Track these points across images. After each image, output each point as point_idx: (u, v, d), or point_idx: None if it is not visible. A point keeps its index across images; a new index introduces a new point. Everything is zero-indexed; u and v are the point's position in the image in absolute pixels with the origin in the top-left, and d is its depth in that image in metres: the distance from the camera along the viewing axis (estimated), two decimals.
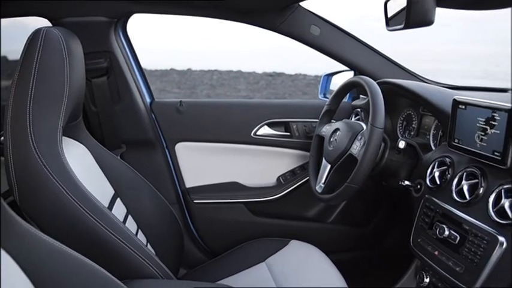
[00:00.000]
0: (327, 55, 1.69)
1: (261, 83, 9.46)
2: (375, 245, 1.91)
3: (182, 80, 9.97)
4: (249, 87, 9.09)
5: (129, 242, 1.07)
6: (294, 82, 9.37)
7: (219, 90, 8.91)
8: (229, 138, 1.76)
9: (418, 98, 1.38)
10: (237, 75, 10.27)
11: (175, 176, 1.78)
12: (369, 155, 1.22)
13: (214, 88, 9.13)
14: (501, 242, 0.99)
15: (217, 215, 1.78)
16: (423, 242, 1.21)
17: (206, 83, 9.63)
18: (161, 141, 1.74)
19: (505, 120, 0.99)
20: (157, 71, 10.46)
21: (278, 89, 8.94)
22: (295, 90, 8.71)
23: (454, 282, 1.09)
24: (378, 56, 1.71)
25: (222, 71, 10.49)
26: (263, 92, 8.77)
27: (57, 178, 0.99)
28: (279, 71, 10.24)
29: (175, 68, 10.63)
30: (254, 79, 9.80)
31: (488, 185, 1.07)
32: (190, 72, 10.59)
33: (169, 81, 9.77)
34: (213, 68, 10.61)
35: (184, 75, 10.34)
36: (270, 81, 9.56)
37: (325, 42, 1.65)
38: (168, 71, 10.54)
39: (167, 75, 10.26)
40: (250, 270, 1.45)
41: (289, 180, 1.80)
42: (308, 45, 1.66)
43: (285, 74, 10.06)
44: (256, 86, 9.23)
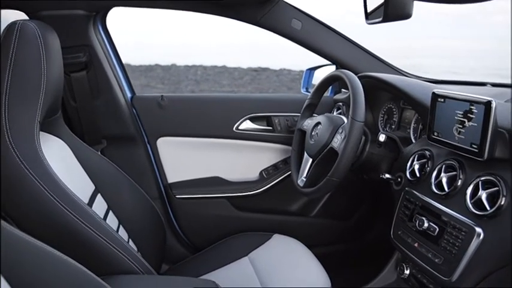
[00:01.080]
0: (309, 49, 1.69)
1: (245, 78, 9.45)
2: (358, 238, 1.92)
3: (166, 75, 9.92)
4: (233, 83, 9.07)
5: (109, 238, 1.06)
6: (278, 77, 9.38)
7: (203, 86, 8.87)
8: (211, 133, 1.75)
9: (398, 92, 1.39)
10: (221, 70, 10.25)
11: (157, 171, 1.76)
12: (349, 148, 1.23)
13: (199, 83, 9.09)
14: (478, 233, 1.00)
15: (199, 210, 1.78)
16: (403, 234, 1.22)
17: (191, 79, 9.58)
18: (142, 136, 1.72)
19: (481, 113, 1.00)
20: (141, 66, 10.40)
21: (263, 84, 8.94)
22: (280, 85, 8.72)
23: (433, 274, 1.10)
24: (359, 50, 1.72)
25: (206, 66, 10.47)
26: (248, 87, 8.76)
27: (34, 174, 0.97)
28: (264, 66, 10.25)
29: (160, 64, 10.58)
30: (239, 74, 9.79)
31: (466, 177, 1.08)
32: (175, 68, 10.54)
33: (154, 76, 9.70)
34: (197, 64, 10.58)
35: (169, 71, 10.28)
36: (254, 77, 9.55)
37: (306, 36, 1.65)
38: (153, 67, 10.48)
39: (151, 71, 10.20)
40: (233, 264, 1.45)
41: (271, 175, 1.80)
42: (290, 39, 1.66)
43: (270, 69, 10.07)
44: (241, 81, 9.22)
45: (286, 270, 1.40)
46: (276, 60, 10.10)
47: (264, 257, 1.46)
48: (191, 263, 1.59)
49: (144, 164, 1.74)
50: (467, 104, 1.04)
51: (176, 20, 13.16)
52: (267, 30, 1.65)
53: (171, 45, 12.78)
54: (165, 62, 10.69)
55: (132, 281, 1.02)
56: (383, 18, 1.13)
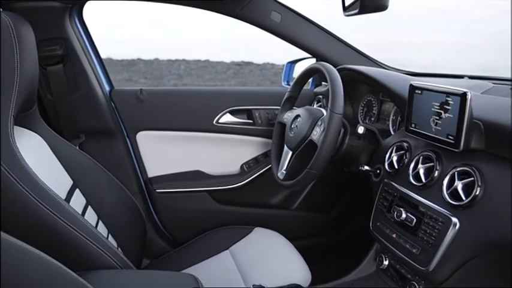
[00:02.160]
0: (289, 42, 1.69)
1: (229, 72, 9.41)
2: (338, 230, 1.94)
3: (149, 70, 9.82)
4: (216, 77, 9.03)
5: (87, 233, 1.04)
6: (262, 71, 9.37)
7: (186, 80, 8.81)
8: (191, 127, 1.74)
9: (377, 84, 1.40)
10: (204, 64, 10.18)
11: (137, 166, 1.75)
12: (328, 140, 1.23)
13: (182, 78, 9.03)
14: (454, 223, 1.01)
15: (180, 204, 1.77)
16: (382, 225, 1.23)
17: (173, 73, 9.50)
18: (122, 130, 1.70)
19: (457, 104, 1.01)
20: (123, 60, 10.27)
21: (246, 78, 8.92)
22: (263, 79, 8.71)
23: (410, 264, 1.11)
24: (339, 43, 1.72)
25: (189, 60, 10.38)
26: (231, 81, 8.73)
27: (8, 169, 0.95)
28: (248, 60, 10.21)
29: (142, 58, 10.46)
30: (222, 68, 9.74)
31: (442, 168, 1.09)
32: (158, 62, 10.44)
33: (136, 71, 9.60)
34: (180, 58, 10.49)
35: (151, 65, 10.18)
36: (238, 71, 9.52)
37: (286, 29, 1.65)
38: (135, 61, 10.36)
39: (134, 65, 10.08)
40: (214, 258, 1.45)
41: (252, 168, 1.80)
42: (269, 32, 1.66)
43: (254, 64, 10.04)
44: (224, 75, 9.18)
45: (267, 263, 1.40)
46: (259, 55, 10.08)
47: (245, 250, 1.47)
48: (172, 257, 1.58)
49: (124, 158, 1.72)
50: (444, 96, 1.05)
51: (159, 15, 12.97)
52: (246, 23, 1.64)
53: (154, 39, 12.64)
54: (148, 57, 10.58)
55: (109, 275, 1.01)
56: (359, 10, 1.13)
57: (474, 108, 1.01)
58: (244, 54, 10.45)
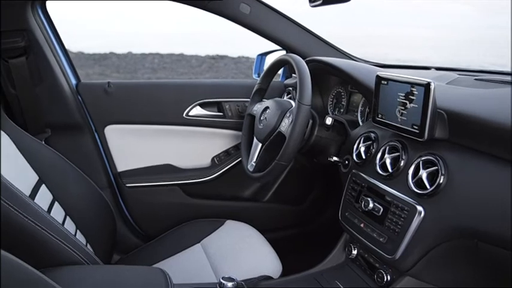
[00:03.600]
0: (258, 34, 1.69)
1: (203, 66, 9.33)
2: (310, 221, 1.95)
3: (122, 63, 9.66)
4: (191, 71, 8.95)
5: (51, 230, 1.02)
6: (236, 65, 9.32)
7: (160, 74, 8.70)
8: (160, 120, 1.72)
9: (345, 75, 1.41)
10: (179, 58, 10.07)
11: (106, 160, 1.72)
12: (296, 132, 1.23)
13: (156, 72, 8.91)
14: (419, 211, 1.03)
15: (151, 198, 1.75)
16: (350, 215, 1.24)
17: (147, 67, 9.37)
18: (89, 124, 1.67)
19: (422, 95, 1.02)
20: (95, 54, 10.07)
21: (221, 72, 8.86)
22: (238, 73, 8.67)
23: (378, 253, 1.13)
24: (308, 34, 1.73)
25: (163, 54, 10.25)
26: (206, 74, 8.67)
27: None
28: (222, 54, 10.15)
29: (115, 52, 10.28)
30: (196, 62, 9.65)
31: (408, 157, 1.11)
32: (131, 56, 10.28)
33: (109, 65, 9.43)
34: (154, 52, 10.35)
35: (124, 59, 10.02)
36: (212, 64, 9.45)
37: (255, 20, 1.64)
38: (107, 55, 10.17)
39: (106, 59, 9.90)
40: (186, 251, 1.45)
41: (223, 161, 1.79)
42: (239, 24, 1.65)
43: (228, 57, 9.98)
44: (199, 69, 9.10)
45: (238, 255, 1.40)
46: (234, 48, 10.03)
47: (217, 243, 1.46)
48: (143, 252, 1.57)
49: (92, 152, 1.69)
50: (409, 86, 1.06)
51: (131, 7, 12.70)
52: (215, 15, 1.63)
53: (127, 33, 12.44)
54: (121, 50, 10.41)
55: (73, 271, 0.99)
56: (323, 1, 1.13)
57: (438, 99, 1.03)
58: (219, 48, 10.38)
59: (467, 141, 0.99)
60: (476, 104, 1.03)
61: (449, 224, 0.98)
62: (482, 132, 0.95)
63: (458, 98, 1.10)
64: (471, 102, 1.05)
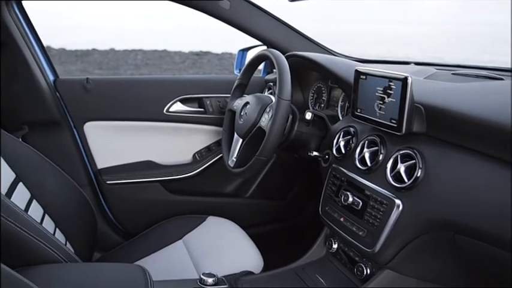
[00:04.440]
0: (239, 29, 1.68)
1: (187, 62, 9.28)
2: (292, 217, 1.95)
3: (105, 60, 9.55)
4: (174, 67, 8.89)
5: (28, 228, 1.00)
6: (220, 61, 9.29)
7: (143, 70, 8.63)
8: (140, 116, 1.71)
9: (324, 70, 1.41)
10: (162, 54, 10.01)
11: (86, 157, 1.70)
12: (276, 127, 1.23)
13: (139, 68, 8.84)
14: (398, 205, 1.04)
15: (132, 195, 1.74)
16: (330, 209, 1.25)
17: (130, 63, 9.29)
18: (68, 121, 1.65)
19: (399, 89, 1.03)
20: (77, 51, 9.95)
21: (205, 68, 8.83)
22: (222, 69, 8.65)
23: (357, 246, 1.13)
24: (289, 29, 1.73)
25: (146, 50, 10.18)
26: (189, 71, 8.62)
27: None
28: (206, 50, 10.11)
29: (97, 48, 10.16)
30: (180, 58, 9.60)
31: (386, 151, 1.12)
32: (113, 52, 10.17)
33: (91, 61, 9.31)
34: (137, 48, 10.26)
35: (107, 56, 9.91)
36: (196, 60, 9.41)
37: (235, 16, 1.64)
38: (90, 51, 10.05)
39: (88, 56, 9.78)
40: (167, 248, 1.44)
41: (205, 157, 1.79)
42: (219, 19, 1.64)
43: (212, 53, 9.94)
44: (182, 65, 9.05)
45: (220, 251, 1.40)
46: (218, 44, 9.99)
47: (198, 239, 1.46)
48: (124, 249, 1.56)
49: (71, 149, 1.67)
50: (387, 81, 1.07)
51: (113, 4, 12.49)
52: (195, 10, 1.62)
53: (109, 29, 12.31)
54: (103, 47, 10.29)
55: (50, 270, 0.98)
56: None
57: (416, 93, 1.03)
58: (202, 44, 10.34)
59: (444, 134, 1.01)
60: (453, 98, 1.04)
61: (427, 216, 0.99)
62: (459, 125, 0.96)
63: (435, 92, 1.11)
64: (448, 96, 1.06)
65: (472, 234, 0.91)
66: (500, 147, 0.87)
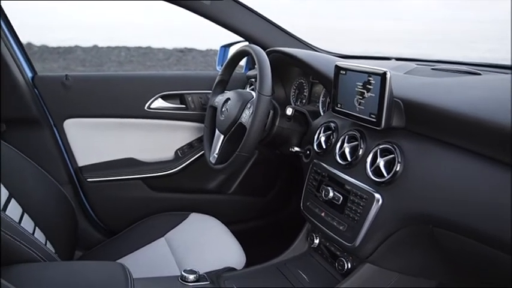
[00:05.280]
0: (220, 25, 1.67)
1: (171, 59, 9.21)
2: (275, 212, 1.96)
3: (88, 57, 9.43)
4: (158, 64, 8.82)
5: (5, 227, 0.99)
6: (205, 58, 9.24)
7: (127, 67, 8.55)
8: (121, 113, 1.69)
9: (305, 66, 1.41)
10: (146, 51, 9.92)
11: (66, 155, 1.68)
12: (256, 122, 1.23)
13: (122, 65, 8.75)
14: (377, 199, 1.04)
15: (113, 192, 1.72)
16: (311, 205, 1.25)
17: (114, 60, 9.19)
18: (47, 118, 1.63)
19: (378, 84, 1.03)
20: (60, 48, 9.81)
21: (189, 65, 8.77)
22: (207, 66, 8.60)
23: (338, 241, 1.14)
24: (271, 25, 1.72)
25: (130, 47, 10.08)
26: (173, 68, 8.56)
27: None
28: (190, 46, 10.05)
29: (80, 45, 10.04)
30: (164, 55, 9.52)
31: (366, 146, 1.12)
32: (97, 49, 10.06)
33: (73, 58, 9.19)
34: (121, 45, 10.16)
35: (90, 52, 9.79)
36: (180, 57, 9.34)
37: (216, 11, 1.63)
38: (72, 48, 9.92)
39: (71, 53, 9.65)
40: (150, 246, 1.44)
41: (187, 153, 1.78)
42: (200, 15, 1.63)
43: (196, 50, 9.88)
44: (167, 62, 8.98)
45: (202, 248, 1.40)
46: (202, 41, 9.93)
47: (181, 236, 1.46)
48: (106, 247, 1.55)
49: (51, 147, 1.64)
50: (366, 76, 1.07)
51: None
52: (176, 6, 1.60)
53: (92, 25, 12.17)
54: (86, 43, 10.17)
55: (28, 269, 0.96)
56: None
57: (395, 88, 1.04)
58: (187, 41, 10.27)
59: (423, 129, 1.01)
60: (431, 93, 1.05)
61: (406, 210, 1.00)
62: (437, 120, 0.97)
63: (414, 87, 1.12)
64: (426, 91, 1.07)
65: (450, 227, 0.92)
66: (478, 141, 0.88)
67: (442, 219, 0.93)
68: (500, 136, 0.81)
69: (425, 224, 0.97)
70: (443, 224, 0.93)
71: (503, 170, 0.82)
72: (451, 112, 0.93)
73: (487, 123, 0.85)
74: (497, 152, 0.84)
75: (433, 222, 0.95)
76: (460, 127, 0.91)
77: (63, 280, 0.94)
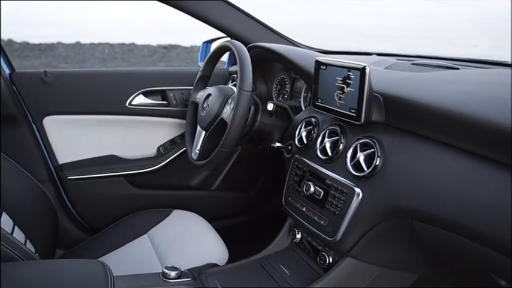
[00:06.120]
0: (201, 21, 1.66)
1: (155, 56, 9.15)
2: (258, 208, 1.96)
3: (70, 54, 9.31)
4: (142, 61, 8.75)
5: None
6: (189, 54, 9.19)
7: (110, 64, 8.46)
8: (102, 110, 1.67)
9: (285, 61, 1.41)
10: (130, 48, 9.84)
11: (46, 153, 1.65)
12: (237, 118, 1.22)
13: (106, 62, 8.66)
14: (358, 193, 1.05)
15: (95, 190, 1.70)
16: (293, 200, 1.25)
17: (97, 57, 9.09)
18: (26, 115, 1.60)
19: (358, 79, 1.04)
20: (41, 44, 9.67)
21: (173, 62, 8.72)
22: (191, 62, 8.55)
23: (319, 235, 1.15)
24: (252, 21, 1.72)
25: (114, 44, 9.99)
26: (158, 64, 8.50)
27: None
28: (175, 43, 9.99)
29: (62, 42, 9.91)
30: (148, 52, 9.46)
31: (347, 141, 1.13)
32: (79, 46, 9.94)
33: (56, 55, 9.07)
34: (104, 41, 10.06)
35: (73, 49, 9.67)
36: (164, 54, 9.28)
37: (197, 7, 1.61)
38: (54, 45, 9.79)
39: (53, 49, 9.52)
40: (132, 243, 1.43)
41: (169, 150, 1.76)
42: (180, 10, 1.61)
43: (181, 46, 9.83)
44: (151, 59, 8.92)
45: (185, 245, 1.39)
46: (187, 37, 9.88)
47: (164, 233, 1.45)
48: (88, 245, 1.54)
49: (30, 145, 1.62)
50: (346, 71, 1.08)
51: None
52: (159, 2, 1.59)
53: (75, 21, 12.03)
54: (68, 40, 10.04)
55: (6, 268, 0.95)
56: None
57: (375, 82, 1.04)
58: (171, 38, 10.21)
59: (402, 123, 1.02)
60: (411, 87, 1.06)
61: (386, 204, 1.01)
62: (415, 114, 0.98)
63: (393, 81, 1.12)
64: (405, 85, 1.08)
65: (428, 221, 0.93)
66: (454, 135, 0.89)
67: (420, 213, 0.94)
68: (477, 129, 0.82)
69: (404, 217, 0.98)
70: (422, 217, 0.94)
71: (480, 162, 0.83)
72: (428, 106, 0.94)
73: (464, 116, 0.85)
74: (473, 145, 0.85)
75: (412, 216, 0.96)
76: (437, 121, 0.92)
77: (40, 279, 0.93)
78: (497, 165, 0.80)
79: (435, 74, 1.16)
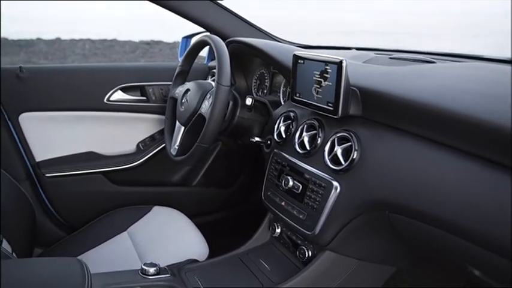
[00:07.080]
0: (180, 16, 1.65)
1: (137, 52, 9.07)
2: (239, 204, 1.96)
3: (50, 50, 9.18)
4: (124, 57, 8.67)
5: None
6: (172, 50, 9.11)
7: (91, 60, 8.35)
8: (80, 106, 1.65)
9: (264, 55, 1.41)
10: (111, 44, 9.73)
11: (23, 150, 1.63)
12: (215, 113, 1.22)
13: (87, 58, 8.56)
14: (335, 187, 1.05)
15: (74, 187, 1.68)
16: (272, 194, 1.25)
17: (78, 53, 8.98)
18: (1, 112, 1.57)
19: (335, 72, 1.04)
20: (21, 40, 9.51)
21: (156, 58, 8.65)
22: (174, 58, 8.50)
23: (298, 229, 1.15)
24: (232, 16, 1.71)
25: (95, 40, 9.87)
26: (140, 60, 8.42)
27: None
28: (157, 39, 9.91)
29: (42, 38, 9.76)
30: (130, 48, 9.36)
31: (324, 135, 1.13)
32: (60, 42, 9.80)
33: (36, 51, 8.93)
34: (85, 37, 9.93)
35: (53, 45, 9.53)
36: (147, 50, 9.20)
37: (175, 2, 1.60)
38: (34, 41, 9.63)
39: (33, 46, 9.37)
40: (112, 241, 1.42)
41: (148, 146, 1.75)
42: (159, 5, 1.60)
43: (163, 42, 9.75)
44: (133, 55, 8.83)
45: (165, 241, 1.39)
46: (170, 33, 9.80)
47: (144, 230, 1.44)
48: (67, 244, 1.52)
49: (6, 143, 1.59)
50: (323, 64, 1.08)
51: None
52: None
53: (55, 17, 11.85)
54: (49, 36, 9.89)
55: None
56: None
57: (352, 76, 1.05)
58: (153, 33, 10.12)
59: (379, 116, 1.03)
60: (388, 81, 1.06)
61: (363, 197, 1.01)
62: (391, 107, 0.98)
63: (370, 75, 1.13)
64: (382, 79, 1.08)
65: (406, 213, 0.93)
66: (429, 128, 0.90)
67: (397, 205, 0.94)
68: (452, 122, 0.83)
69: (382, 210, 0.99)
70: (399, 210, 0.95)
71: (457, 155, 0.84)
72: (404, 100, 0.95)
73: (439, 109, 0.86)
74: (449, 137, 0.85)
75: (389, 208, 0.97)
76: (413, 114, 0.93)
77: (15, 278, 0.91)
78: (467, 154, 0.81)
79: (412, 68, 1.17)
